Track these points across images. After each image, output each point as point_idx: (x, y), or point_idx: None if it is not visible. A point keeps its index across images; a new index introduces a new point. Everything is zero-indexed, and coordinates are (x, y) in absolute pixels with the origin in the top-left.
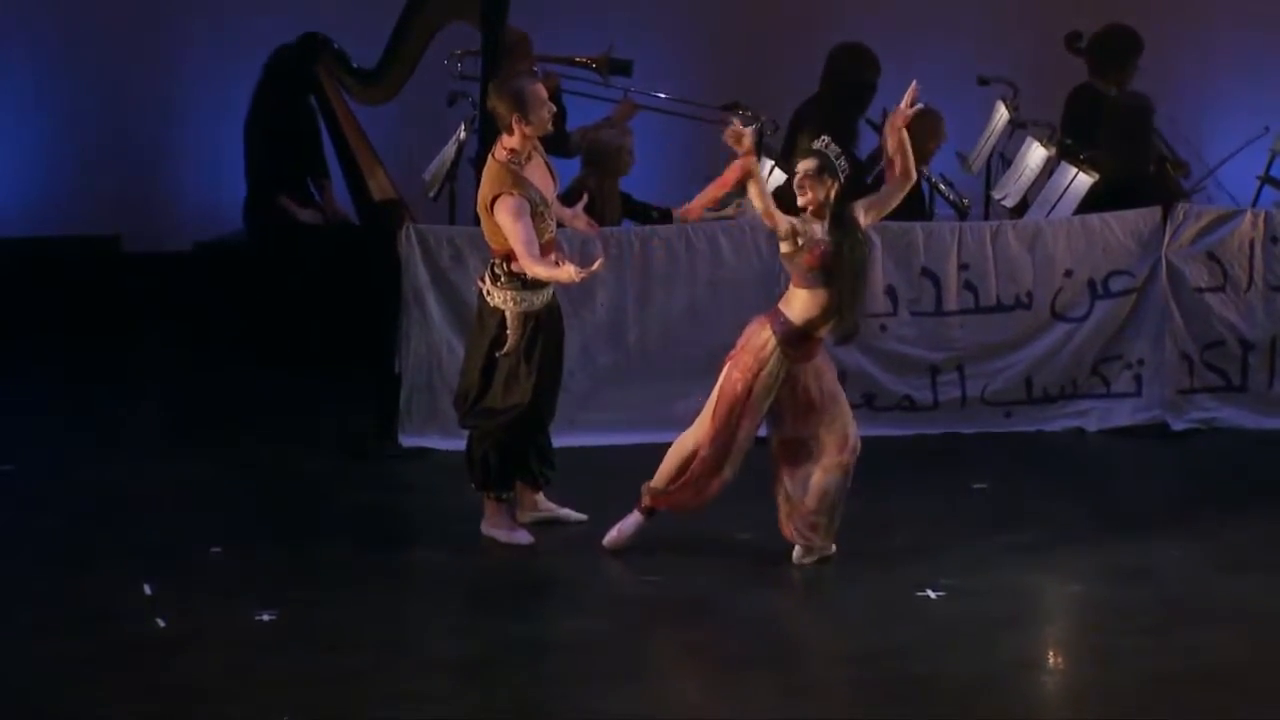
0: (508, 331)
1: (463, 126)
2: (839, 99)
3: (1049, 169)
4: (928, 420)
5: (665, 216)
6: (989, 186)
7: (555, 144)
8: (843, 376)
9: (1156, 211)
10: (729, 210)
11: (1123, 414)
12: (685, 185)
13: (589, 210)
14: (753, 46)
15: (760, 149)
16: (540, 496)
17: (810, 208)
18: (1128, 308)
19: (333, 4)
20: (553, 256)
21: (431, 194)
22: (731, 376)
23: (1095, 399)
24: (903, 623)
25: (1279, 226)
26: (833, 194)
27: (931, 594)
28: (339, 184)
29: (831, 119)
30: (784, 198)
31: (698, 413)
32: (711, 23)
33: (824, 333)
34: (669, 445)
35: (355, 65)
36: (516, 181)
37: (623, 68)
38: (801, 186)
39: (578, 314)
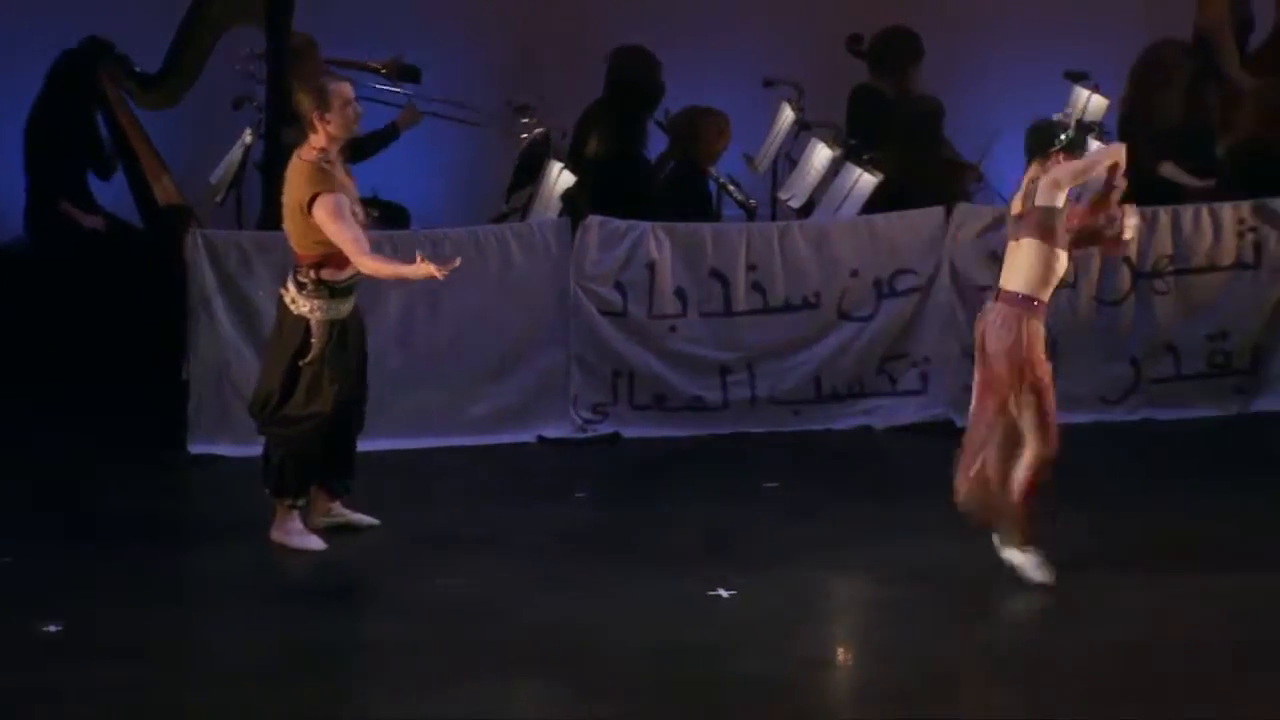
0: (312, 340)
1: (248, 131)
2: (626, 100)
3: (834, 170)
4: (718, 420)
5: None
6: (775, 187)
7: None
8: (631, 377)
9: (940, 211)
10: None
11: (909, 411)
12: (471, 190)
13: None
14: (539, 50)
15: (550, 152)
16: (336, 503)
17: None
18: (913, 306)
19: (116, 8)
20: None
21: (218, 198)
22: (1039, 376)
23: (882, 397)
24: (694, 622)
25: None
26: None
27: (723, 593)
28: (125, 189)
29: (620, 120)
30: (573, 201)
31: (492, 415)
32: (497, 26)
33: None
34: (462, 448)
35: (138, 70)
36: (331, 180)
37: (412, 73)
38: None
39: (368, 318)
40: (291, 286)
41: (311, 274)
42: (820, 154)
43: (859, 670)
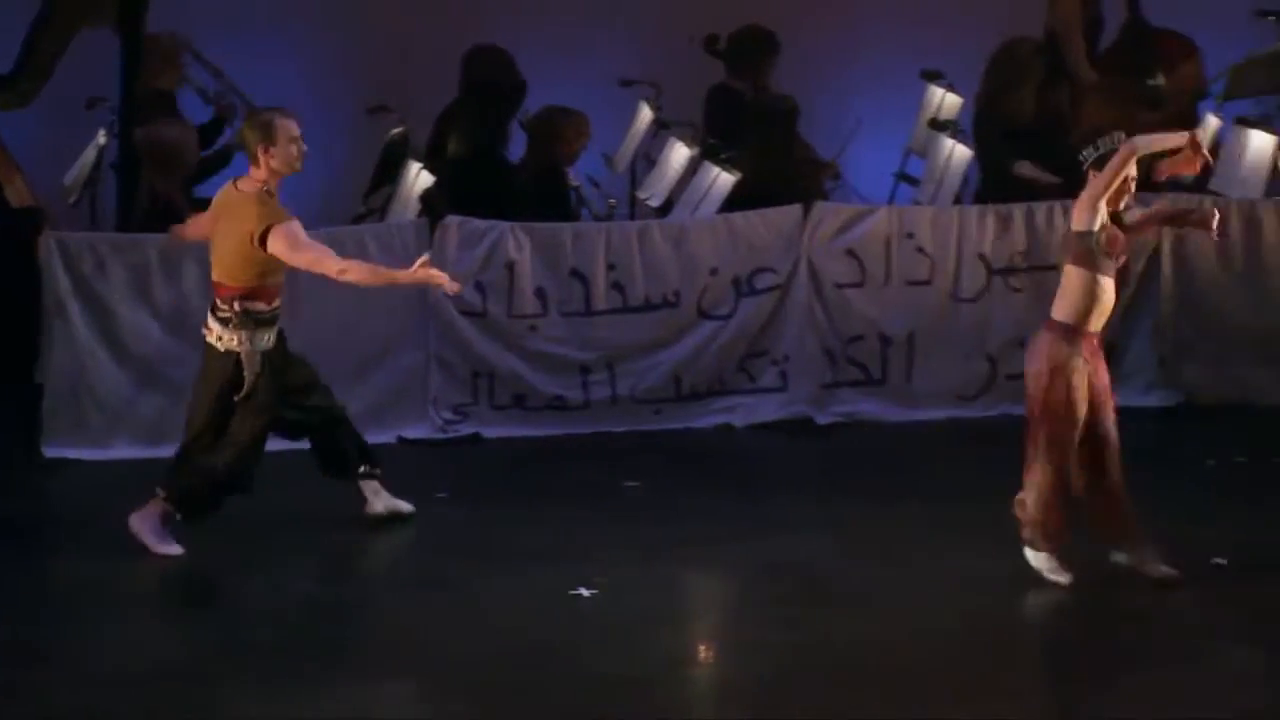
0: (245, 373)
1: (102, 131)
2: (483, 100)
3: (693, 169)
4: (579, 419)
5: None
6: (634, 187)
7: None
8: (491, 378)
9: (798, 209)
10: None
11: (769, 409)
12: (327, 191)
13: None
14: (396, 49)
15: (408, 152)
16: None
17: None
18: (772, 304)
19: None
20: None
21: (71, 200)
22: (1048, 404)
23: (742, 395)
24: (555, 621)
25: (915, 223)
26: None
27: (585, 592)
28: None
29: (479, 120)
30: (431, 201)
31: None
32: (355, 26)
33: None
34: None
35: None
36: (280, 209)
37: None
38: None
39: None
40: (215, 324)
41: (235, 306)
42: (678, 153)
43: (720, 668)
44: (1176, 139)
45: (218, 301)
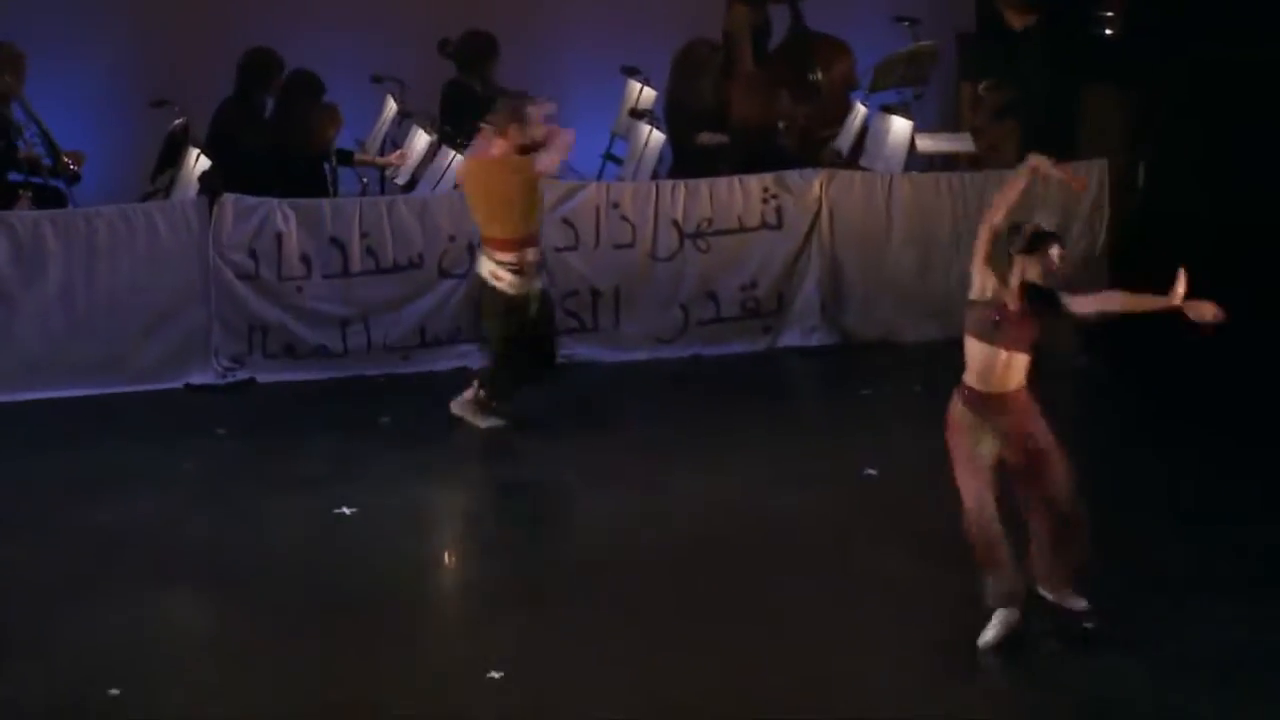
0: (531, 306)
1: None
2: (253, 94)
3: (433, 152)
4: (339, 365)
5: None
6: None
7: None
8: (264, 331)
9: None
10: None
11: None
12: (117, 173)
13: None
14: (175, 50)
15: (188, 140)
16: None
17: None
18: None
19: None
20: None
21: None
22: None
23: (475, 343)
24: (322, 537)
25: (619, 195)
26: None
27: (346, 510)
28: None
29: (251, 111)
30: (209, 181)
31: (145, 367)
32: (138, 30)
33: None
34: (119, 394)
35: None
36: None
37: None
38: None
39: (32, 285)
40: (506, 274)
41: (529, 254)
42: (420, 139)
43: (462, 571)
44: (1015, 188)
45: (500, 254)
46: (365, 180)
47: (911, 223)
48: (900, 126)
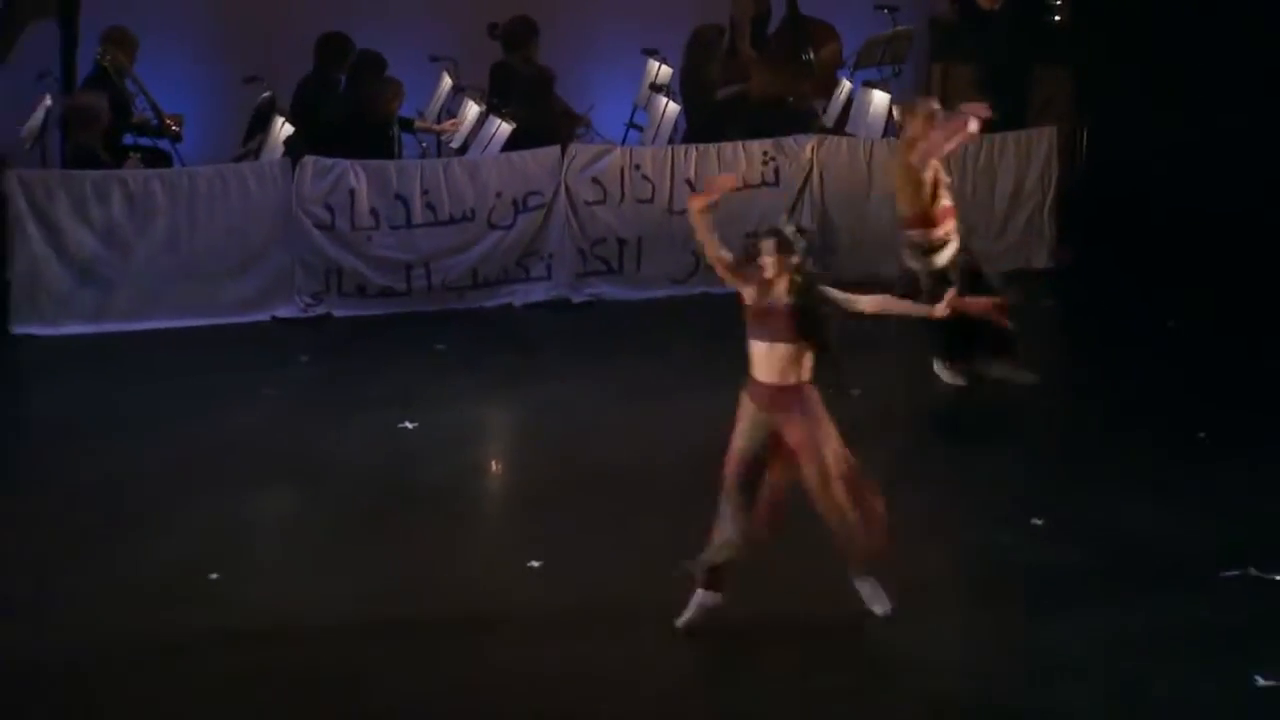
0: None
1: (48, 97)
2: (328, 73)
3: (482, 121)
4: (403, 302)
5: None
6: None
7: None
8: (339, 273)
9: (557, 149)
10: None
11: (539, 293)
12: (214, 138)
13: None
14: (264, 34)
15: (274, 110)
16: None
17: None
18: (541, 218)
19: None
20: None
21: (27, 146)
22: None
23: (520, 283)
24: (388, 446)
25: (641, 158)
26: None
27: (409, 424)
28: None
29: (326, 86)
30: (293, 145)
31: (238, 302)
32: (234, 16)
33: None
34: (216, 326)
35: None
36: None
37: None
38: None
39: (144, 233)
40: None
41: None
42: (471, 109)
43: (506, 475)
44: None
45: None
46: (425, 145)
47: (888, 180)
48: (880, 99)
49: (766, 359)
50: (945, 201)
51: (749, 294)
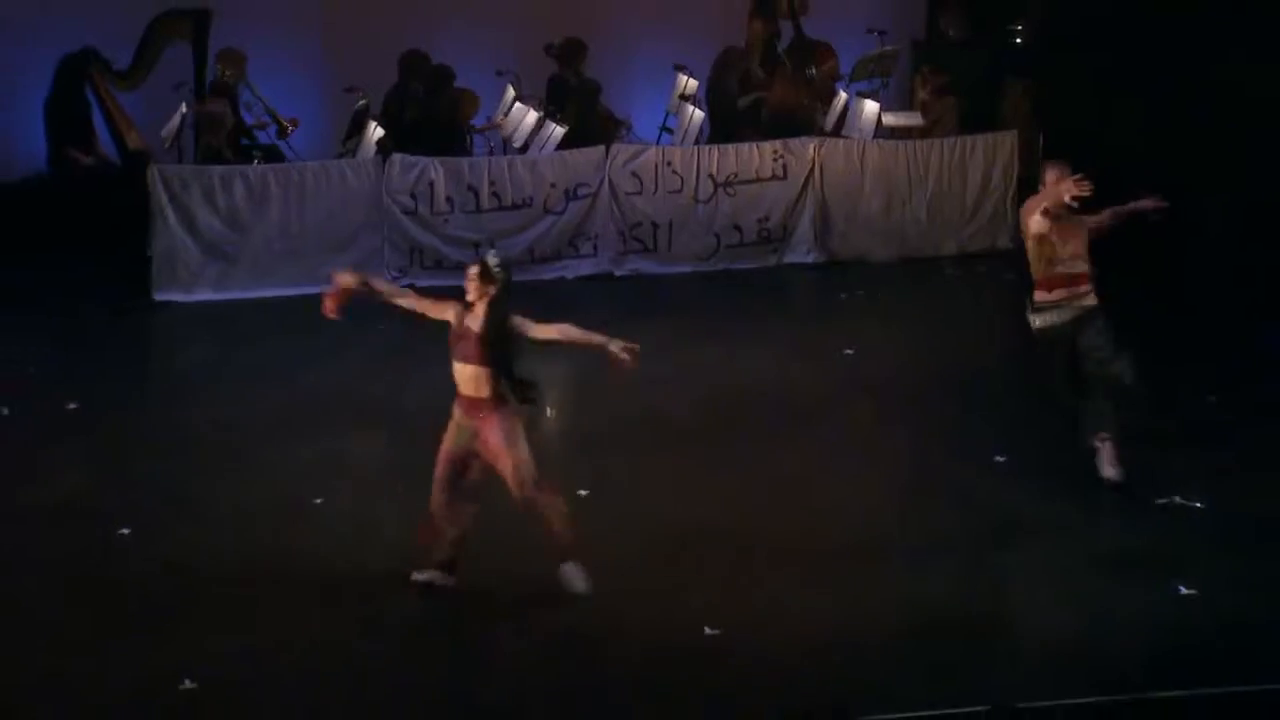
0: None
1: (184, 104)
2: (410, 85)
3: (539, 125)
4: None
5: None
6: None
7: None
8: (421, 251)
9: (601, 149)
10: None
11: (586, 268)
12: (318, 139)
13: None
14: (361, 49)
15: (369, 115)
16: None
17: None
18: (588, 205)
19: (97, 26)
20: None
21: (166, 146)
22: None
23: (570, 260)
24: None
25: (672, 156)
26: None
27: None
28: (106, 140)
29: (407, 97)
30: (383, 145)
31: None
32: (334, 33)
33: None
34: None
35: (116, 67)
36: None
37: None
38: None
39: (261, 218)
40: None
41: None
42: (530, 116)
43: (559, 420)
44: None
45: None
46: (492, 145)
47: (878, 176)
48: (870, 107)
49: (461, 375)
50: (1060, 269)
51: (452, 317)
